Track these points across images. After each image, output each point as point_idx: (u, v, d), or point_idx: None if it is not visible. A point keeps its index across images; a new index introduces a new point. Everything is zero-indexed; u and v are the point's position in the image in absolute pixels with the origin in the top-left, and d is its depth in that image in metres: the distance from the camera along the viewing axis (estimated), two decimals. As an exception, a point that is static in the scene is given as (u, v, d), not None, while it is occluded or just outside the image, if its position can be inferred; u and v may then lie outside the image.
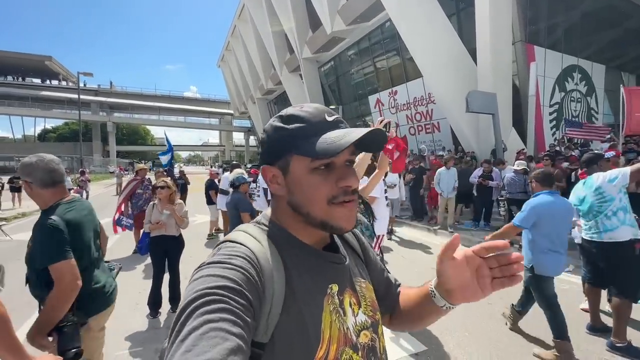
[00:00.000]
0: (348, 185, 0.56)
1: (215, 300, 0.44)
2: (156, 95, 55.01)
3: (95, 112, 46.70)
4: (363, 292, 0.66)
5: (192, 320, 0.42)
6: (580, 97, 13.84)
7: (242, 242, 0.56)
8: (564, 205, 2.67)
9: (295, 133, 0.56)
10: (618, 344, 2.64)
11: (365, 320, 0.63)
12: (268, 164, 0.61)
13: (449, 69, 11.58)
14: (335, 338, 0.55)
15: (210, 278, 0.47)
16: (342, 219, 0.57)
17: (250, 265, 0.51)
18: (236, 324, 0.43)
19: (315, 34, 19.54)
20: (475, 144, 11.30)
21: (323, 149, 0.53)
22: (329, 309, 0.57)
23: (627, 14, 14.14)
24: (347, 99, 21.24)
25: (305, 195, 0.57)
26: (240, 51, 32.80)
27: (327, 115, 0.58)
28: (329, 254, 0.63)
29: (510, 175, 5.43)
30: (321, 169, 0.56)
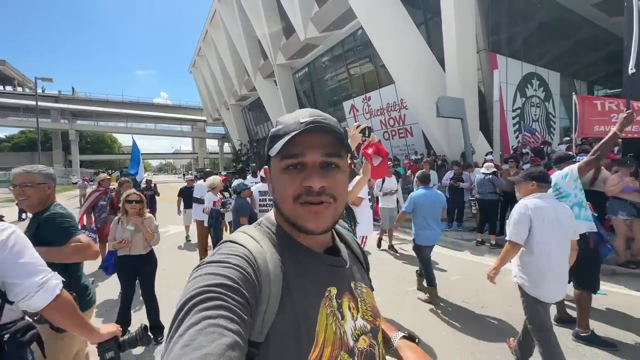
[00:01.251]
0: (308, 185, 0.56)
1: (213, 297, 0.45)
2: (123, 101, 52.70)
3: (55, 120, 43.90)
4: (363, 297, 0.66)
5: (191, 317, 0.43)
6: (539, 103, 14.79)
7: (241, 242, 0.57)
8: (435, 196, 3.72)
9: (273, 135, 0.60)
10: (582, 334, 2.80)
11: (364, 325, 0.63)
12: (267, 165, 0.66)
13: (419, 76, 12.00)
14: (330, 341, 0.55)
15: (209, 276, 0.48)
16: (307, 219, 0.57)
17: (248, 265, 0.52)
18: (233, 321, 0.44)
19: (289, 41, 19.61)
20: (446, 148, 11.75)
21: (274, 148, 0.58)
22: (325, 311, 0.57)
23: (578, 26, 15.38)
24: (322, 105, 21.39)
25: (278, 193, 0.60)
26: (212, 57, 32.24)
27: (302, 118, 0.58)
28: (329, 257, 0.63)
29: (480, 177, 5.68)
30: (291, 169, 0.58)
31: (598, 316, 3.22)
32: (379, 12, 12.30)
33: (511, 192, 5.77)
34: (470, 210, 6.65)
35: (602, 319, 3.18)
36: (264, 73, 24.13)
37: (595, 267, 2.88)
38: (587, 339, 2.76)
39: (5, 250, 1.10)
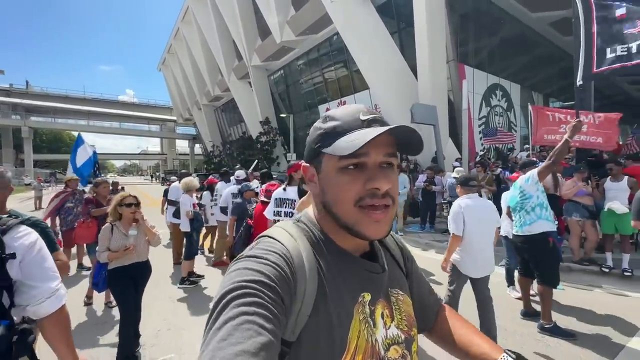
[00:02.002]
0: (375, 187, 0.53)
1: (251, 293, 0.45)
2: (85, 98, 49.59)
3: (6, 115, 40.28)
4: (399, 305, 0.63)
5: (229, 310, 0.43)
6: (502, 112, 15.78)
7: (279, 238, 0.56)
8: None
9: (328, 131, 0.56)
10: (546, 325, 3.02)
11: (397, 334, 0.60)
12: (308, 162, 0.62)
13: (392, 83, 12.40)
14: (362, 349, 0.54)
15: (247, 271, 0.48)
16: (367, 225, 0.54)
17: (284, 263, 0.51)
18: (269, 320, 0.43)
19: (265, 42, 19.50)
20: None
21: (341, 147, 0.52)
22: (358, 317, 0.55)
23: (536, 43, 16.63)
24: (297, 108, 21.42)
25: (333, 195, 0.56)
26: (184, 55, 31.26)
27: (361, 114, 0.56)
28: (365, 262, 0.61)
29: (452, 180, 5.96)
30: (350, 169, 0.54)
31: (558, 309, 3.49)
32: (354, 19, 12.60)
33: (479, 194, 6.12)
34: (442, 213, 6.96)
35: (561, 311, 3.45)
36: (238, 74, 23.76)
37: (555, 263, 3.13)
38: (550, 330, 2.98)
39: (33, 252, 1.14)
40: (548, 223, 3.05)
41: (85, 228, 3.97)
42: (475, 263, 2.72)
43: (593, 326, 3.12)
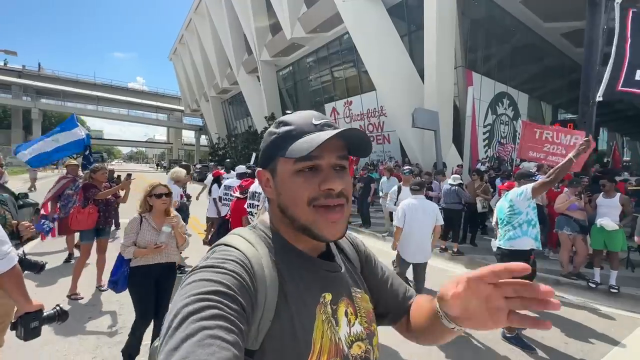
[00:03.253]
0: (329, 187, 0.55)
1: (210, 306, 0.42)
2: (95, 83, 49.99)
3: (17, 96, 40.86)
4: (358, 302, 0.64)
5: (186, 327, 0.40)
6: (508, 121, 15.69)
7: (236, 245, 0.55)
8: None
9: (282, 136, 0.57)
10: (507, 334, 3.08)
11: (360, 331, 0.61)
12: (263, 167, 0.62)
13: (399, 85, 12.39)
14: (327, 348, 0.54)
15: (203, 282, 0.46)
16: (324, 227, 0.55)
17: (243, 270, 0.50)
18: (232, 332, 0.41)
19: (275, 38, 19.53)
20: (420, 157, 12.20)
21: (296, 150, 0.53)
22: (321, 318, 0.55)
23: (547, 53, 16.49)
24: (304, 106, 21.44)
25: (289, 197, 0.57)
26: (195, 46, 31.38)
27: (314, 119, 0.59)
28: (323, 262, 0.62)
29: (447, 187, 5.98)
30: (305, 171, 0.56)
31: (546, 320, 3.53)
32: (365, 19, 12.59)
33: (473, 203, 6.13)
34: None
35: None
36: (247, 68, 23.83)
37: (530, 279, 3.16)
38: (510, 340, 3.04)
39: None
40: (532, 241, 3.05)
41: (85, 214, 3.80)
42: (414, 251, 3.38)
43: (570, 339, 3.15)
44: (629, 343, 3.14)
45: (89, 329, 3.03)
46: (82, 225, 3.82)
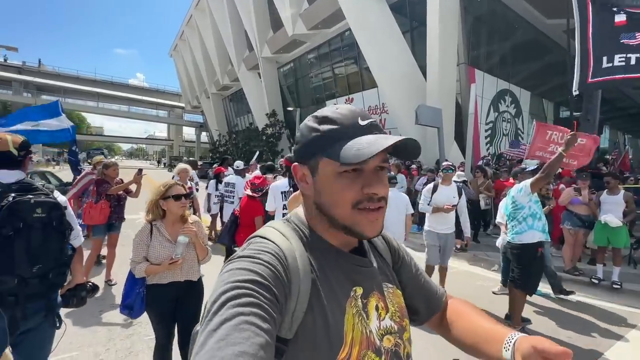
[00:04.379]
0: (374, 192, 0.56)
1: (246, 294, 0.45)
2: (95, 80, 49.87)
3: (17, 92, 40.87)
4: (390, 297, 0.65)
5: (224, 311, 0.43)
6: (510, 118, 15.68)
7: (271, 238, 0.57)
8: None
9: (326, 135, 0.56)
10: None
11: (391, 325, 0.62)
12: (299, 162, 0.61)
13: (401, 82, 12.38)
14: (358, 340, 0.56)
15: (240, 271, 0.49)
16: (365, 225, 0.57)
17: (278, 262, 0.52)
18: (265, 320, 0.44)
19: (276, 35, 19.46)
20: (422, 155, 12.18)
21: (350, 156, 0.52)
22: (351, 311, 0.57)
23: (549, 49, 16.44)
24: (305, 102, 21.43)
25: (331, 198, 0.57)
26: (195, 42, 31.28)
27: (360, 119, 0.57)
28: (355, 257, 0.63)
29: (451, 184, 6.01)
30: (349, 173, 0.56)
31: (544, 314, 3.58)
32: (367, 16, 12.54)
33: (477, 200, 6.16)
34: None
35: (547, 315, 3.55)
36: (248, 64, 23.76)
37: (539, 273, 3.21)
38: None
39: (68, 207, 1.70)
40: (539, 233, 3.10)
41: (97, 209, 3.86)
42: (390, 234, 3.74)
43: (574, 334, 3.20)
44: (632, 337, 3.19)
45: (101, 322, 3.08)
46: (94, 220, 3.88)
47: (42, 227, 1.53)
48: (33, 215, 1.51)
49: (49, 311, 1.60)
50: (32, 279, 1.51)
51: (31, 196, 1.53)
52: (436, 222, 3.85)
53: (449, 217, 3.81)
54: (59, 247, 1.62)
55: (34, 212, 1.51)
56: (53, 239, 1.58)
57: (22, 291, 1.48)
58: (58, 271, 1.61)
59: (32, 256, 1.51)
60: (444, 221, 3.81)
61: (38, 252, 1.53)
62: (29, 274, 1.50)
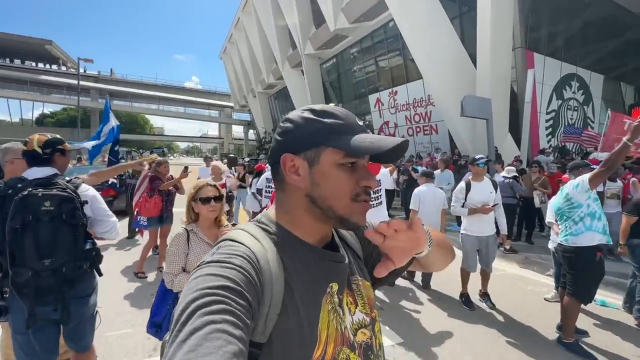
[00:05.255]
0: (368, 185, 0.59)
1: (217, 300, 0.43)
2: (156, 84, 54.76)
3: (94, 99, 46.42)
4: (360, 290, 0.66)
5: (194, 320, 0.41)
6: (577, 106, 13.98)
7: (242, 241, 0.56)
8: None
9: (332, 127, 0.58)
10: (565, 341, 2.79)
11: (363, 318, 0.63)
12: (291, 152, 0.59)
13: (449, 72, 11.68)
14: (333, 338, 0.56)
15: (210, 277, 0.47)
16: (360, 216, 0.59)
17: (250, 266, 0.51)
18: (238, 327, 0.42)
19: (319, 31, 19.53)
20: (471, 148, 11.43)
21: (362, 147, 0.55)
22: (327, 308, 0.57)
23: (628, 25, 14.26)
24: (347, 97, 21.29)
25: (332, 188, 0.57)
26: (242, 44, 32.65)
27: (357, 119, 0.62)
28: (330, 253, 0.63)
29: (499, 179, 5.55)
30: (347, 166, 0.58)
31: (602, 326, 3.18)
32: (411, 4, 11.99)
33: (530, 197, 5.62)
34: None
35: (605, 328, 3.14)
36: (292, 62, 24.23)
37: (596, 280, 2.82)
38: (568, 347, 2.75)
39: (96, 201, 1.80)
40: (598, 235, 2.74)
41: (152, 203, 4.22)
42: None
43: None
44: None
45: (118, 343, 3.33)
46: (149, 212, 4.30)
47: (50, 220, 1.55)
48: (41, 208, 1.53)
49: (64, 306, 1.61)
50: (44, 272, 1.53)
51: (41, 190, 1.57)
52: (474, 224, 3.52)
53: (488, 217, 3.49)
54: (72, 241, 1.61)
55: (42, 205, 1.54)
56: (63, 232, 1.59)
57: (35, 284, 1.52)
58: (73, 265, 1.60)
59: (42, 249, 1.54)
60: (483, 222, 3.48)
61: (48, 245, 1.55)
62: (41, 266, 1.53)
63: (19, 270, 1.52)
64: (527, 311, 3.52)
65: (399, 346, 2.83)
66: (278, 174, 0.61)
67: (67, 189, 1.63)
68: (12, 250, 1.52)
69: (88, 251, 1.69)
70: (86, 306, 1.75)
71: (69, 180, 1.72)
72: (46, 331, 1.63)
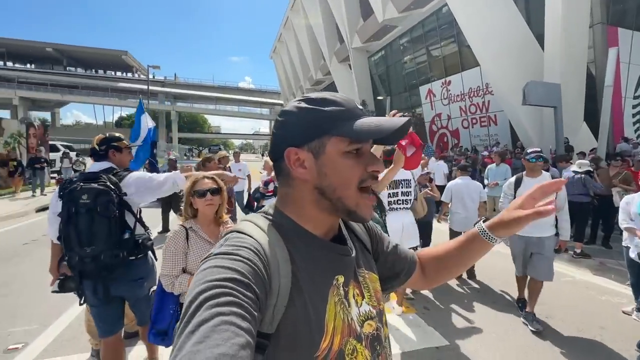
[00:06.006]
0: (376, 169, 0.58)
1: (225, 292, 0.44)
2: (213, 86, 58.74)
3: (161, 102, 51.49)
4: (367, 282, 0.66)
5: (203, 312, 0.41)
6: (675, 88, 11.78)
7: (249, 232, 0.56)
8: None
9: (333, 115, 0.56)
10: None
11: (369, 310, 0.64)
12: (295, 146, 0.57)
13: (510, 57, 10.62)
14: (339, 329, 0.56)
15: (218, 269, 0.47)
16: (366, 208, 0.59)
17: (257, 258, 0.51)
18: (245, 319, 0.43)
19: (366, 23, 19.14)
20: (536, 140, 10.29)
21: (370, 131, 0.54)
22: (333, 300, 0.57)
23: None
24: (396, 90, 20.60)
25: (340, 177, 0.57)
26: (292, 42, 33.38)
27: (357, 104, 0.60)
28: (337, 246, 0.63)
29: (570, 175, 4.92)
30: (353, 153, 0.57)
31: None
32: (467, -14, 11.13)
33: (608, 195, 4.90)
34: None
35: None
36: (339, 57, 24.14)
37: None
38: None
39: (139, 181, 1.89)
40: None
41: None
42: (459, 221, 4.09)
43: None
44: None
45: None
46: None
47: (86, 212, 1.69)
48: (80, 201, 1.70)
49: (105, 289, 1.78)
50: (86, 258, 1.71)
51: (81, 184, 1.73)
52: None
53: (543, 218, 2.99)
54: (107, 231, 1.72)
55: (80, 198, 1.70)
56: (98, 223, 1.71)
57: (80, 268, 1.74)
58: (111, 253, 1.73)
59: (82, 238, 1.70)
60: (536, 222, 2.98)
61: (86, 234, 1.70)
62: (84, 253, 1.70)
63: (70, 254, 1.75)
64: (600, 324, 3.10)
65: (445, 349, 2.70)
66: (283, 170, 0.60)
67: (107, 183, 1.76)
68: (64, 238, 1.75)
69: (125, 241, 1.79)
70: (140, 288, 1.94)
71: (116, 172, 1.88)
72: (108, 306, 1.88)
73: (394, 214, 3.14)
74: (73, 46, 50.78)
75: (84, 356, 2.53)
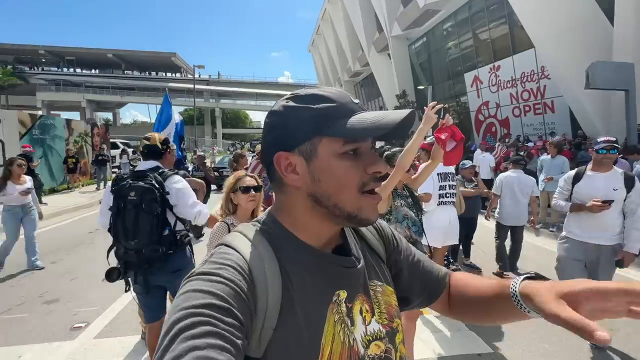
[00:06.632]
0: (378, 170, 0.52)
1: (202, 322, 0.39)
2: (254, 82, 60.51)
3: (206, 100, 54.28)
4: (377, 297, 0.60)
5: (176, 346, 0.37)
6: None
7: (236, 247, 0.51)
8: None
9: (325, 113, 0.50)
10: None
11: (378, 330, 0.57)
12: (285, 150, 0.52)
13: (571, 35, 9.53)
14: (338, 353, 0.50)
15: (196, 294, 0.43)
16: (371, 210, 0.53)
17: (240, 277, 0.46)
18: (224, 349, 0.38)
19: (407, 9, 18.32)
20: (602, 128, 9.17)
21: (365, 128, 0.49)
22: (332, 319, 0.51)
23: None
24: (439, 78, 19.57)
25: (336, 182, 0.51)
26: (329, 34, 33.13)
27: (352, 98, 0.54)
28: (338, 257, 0.57)
29: (638, 168, 4.30)
30: (350, 154, 0.51)
31: None
32: (520, -40, 10.13)
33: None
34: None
35: None
36: (378, 47, 23.47)
37: None
38: None
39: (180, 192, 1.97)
40: None
41: None
42: (509, 215, 3.96)
43: None
44: None
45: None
46: None
47: (133, 207, 1.83)
48: (127, 198, 1.83)
49: (145, 280, 1.93)
50: (130, 250, 1.86)
51: (130, 181, 1.86)
52: (581, 226, 2.51)
53: (606, 220, 2.41)
54: (149, 227, 1.85)
55: (128, 194, 1.84)
56: (142, 219, 1.84)
57: (125, 259, 1.88)
58: (152, 248, 1.86)
59: (128, 231, 1.85)
60: (596, 225, 2.44)
61: (132, 229, 1.84)
62: (129, 245, 1.85)
63: (117, 245, 1.92)
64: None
65: (488, 357, 2.52)
66: (274, 176, 0.54)
67: (152, 182, 1.88)
68: (114, 230, 1.91)
69: (165, 237, 1.93)
70: (178, 279, 1.98)
71: (162, 172, 2.00)
72: (151, 295, 2.03)
73: (442, 208, 3.33)
74: (129, 51, 55.26)
75: (135, 338, 2.78)
